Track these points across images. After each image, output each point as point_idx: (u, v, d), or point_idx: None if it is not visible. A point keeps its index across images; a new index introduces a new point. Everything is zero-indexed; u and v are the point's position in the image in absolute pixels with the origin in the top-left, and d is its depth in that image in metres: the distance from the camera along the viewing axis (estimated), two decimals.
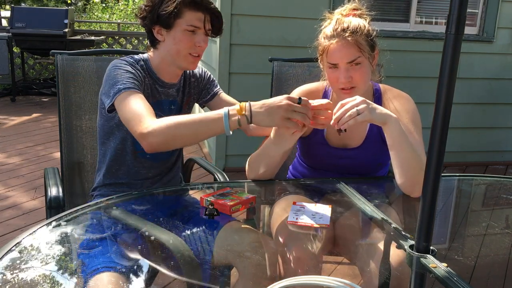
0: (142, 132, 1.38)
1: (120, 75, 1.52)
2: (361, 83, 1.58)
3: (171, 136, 1.38)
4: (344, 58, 1.54)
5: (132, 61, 1.61)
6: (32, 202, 3.35)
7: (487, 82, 4.47)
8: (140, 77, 1.57)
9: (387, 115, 1.44)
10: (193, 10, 1.53)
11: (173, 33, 1.55)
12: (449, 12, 1.00)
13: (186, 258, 1.25)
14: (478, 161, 4.65)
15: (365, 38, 1.55)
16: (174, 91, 1.71)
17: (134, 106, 1.44)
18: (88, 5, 13.81)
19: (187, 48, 1.57)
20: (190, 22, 1.54)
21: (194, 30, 1.55)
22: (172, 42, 1.57)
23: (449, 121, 1.04)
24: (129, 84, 1.50)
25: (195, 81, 1.79)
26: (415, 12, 4.23)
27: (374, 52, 1.61)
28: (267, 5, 3.83)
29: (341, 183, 1.64)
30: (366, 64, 1.57)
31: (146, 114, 1.42)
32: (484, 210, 1.72)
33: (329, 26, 1.58)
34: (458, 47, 1.01)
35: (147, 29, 1.60)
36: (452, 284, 1.03)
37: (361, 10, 1.62)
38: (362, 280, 1.29)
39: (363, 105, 1.40)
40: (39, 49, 6.69)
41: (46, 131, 5.17)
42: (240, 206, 1.40)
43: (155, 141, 1.37)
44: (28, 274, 1.04)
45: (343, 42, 1.53)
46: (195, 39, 1.56)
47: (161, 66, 1.64)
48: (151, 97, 1.63)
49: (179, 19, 1.53)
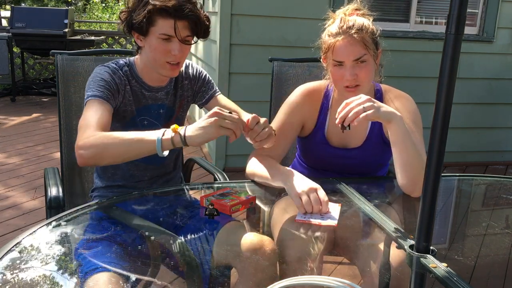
0: (77, 143, 1.36)
1: (94, 82, 1.51)
2: (365, 81, 1.58)
3: (100, 151, 1.35)
4: (351, 55, 1.54)
5: (114, 68, 1.58)
6: (32, 202, 3.35)
7: (487, 82, 4.47)
8: (117, 86, 1.54)
9: (393, 113, 1.45)
10: (165, 18, 1.46)
11: (149, 40, 1.51)
12: (449, 12, 1.00)
13: (186, 258, 1.25)
14: (478, 161, 4.65)
15: (370, 36, 1.55)
16: (163, 94, 1.67)
17: (87, 116, 1.43)
18: (88, 5, 13.81)
19: (163, 57, 1.51)
20: (162, 30, 1.47)
21: (168, 38, 1.49)
22: (149, 49, 1.52)
23: (449, 121, 1.04)
24: (97, 92, 1.48)
25: (188, 83, 1.74)
26: (415, 12, 4.23)
27: (378, 50, 1.61)
28: (267, 5, 3.83)
29: (341, 183, 1.64)
30: (371, 62, 1.58)
31: (93, 126, 1.38)
32: (484, 210, 1.72)
33: (334, 24, 1.58)
34: (458, 47, 1.01)
35: (129, 34, 1.57)
36: (452, 284, 1.03)
37: (363, 10, 1.62)
38: (362, 280, 1.29)
39: (369, 103, 1.40)
40: (39, 49, 6.69)
41: (46, 131, 5.17)
42: (240, 206, 1.40)
43: (85, 154, 1.35)
44: (28, 274, 1.04)
45: (349, 39, 1.53)
46: (170, 47, 1.50)
47: (145, 71, 1.61)
48: (135, 103, 1.61)
49: (153, 27, 1.48)
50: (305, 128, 1.74)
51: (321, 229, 1.33)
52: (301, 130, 1.74)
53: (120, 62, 1.62)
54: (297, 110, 1.70)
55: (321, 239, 1.35)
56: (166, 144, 1.31)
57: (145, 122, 1.64)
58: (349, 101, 1.42)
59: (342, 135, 1.71)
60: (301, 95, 1.71)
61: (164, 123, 1.67)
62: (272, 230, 1.42)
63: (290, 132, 1.70)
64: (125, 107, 1.60)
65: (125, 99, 1.59)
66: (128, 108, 1.60)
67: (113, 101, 1.51)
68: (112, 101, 1.51)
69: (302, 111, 1.70)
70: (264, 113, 2.24)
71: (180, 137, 1.30)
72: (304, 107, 1.70)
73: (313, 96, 1.72)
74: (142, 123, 1.64)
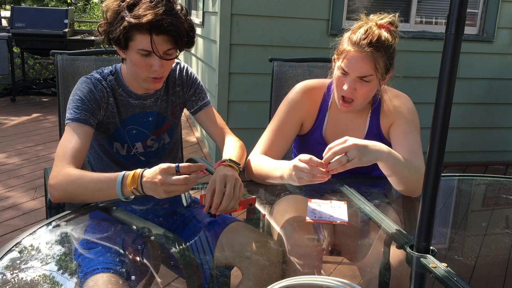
0: (50, 182, 1.36)
1: (72, 102, 1.48)
2: (362, 99, 1.57)
3: (69, 194, 1.35)
4: (357, 71, 1.52)
5: (97, 80, 1.54)
6: (32, 202, 3.35)
7: (487, 82, 4.47)
8: (96, 101, 1.51)
9: (379, 152, 1.37)
10: (142, 33, 1.38)
11: (129, 54, 1.45)
12: (449, 12, 1.00)
13: (186, 258, 1.25)
14: (478, 161, 4.65)
15: (385, 58, 1.52)
16: (152, 101, 1.63)
17: (64, 143, 1.42)
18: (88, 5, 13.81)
19: (144, 72, 1.47)
20: (141, 46, 1.41)
21: (147, 53, 1.42)
22: (130, 63, 1.48)
23: (449, 121, 1.04)
24: (75, 114, 1.46)
25: (180, 90, 1.70)
26: (415, 12, 4.23)
27: (387, 75, 1.58)
28: (267, 5, 3.83)
29: (341, 183, 1.64)
30: (375, 83, 1.55)
31: (67, 158, 1.37)
32: (484, 210, 1.72)
33: (359, 32, 1.53)
34: (458, 47, 1.01)
35: (109, 46, 1.51)
36: (452, 284, 1.03)
37: (397, 28, 1.57)
38: (362, 280, 1.29)
39: (353, 150, 1.31)
40: (39, 49, 6.70)
41: (46, 131, 5.17)
42: (237, 207, 1.40)
43: (57, 195, 1.36)
44: (28, 274, 1.04)
45: (362, 55, 1.50)
46: (150, 61, 1.44)
47: (130, 80, 1.57)
48: (120, 115, 1.59)
49: (132, 41, 1.41)
50: (304, 126, 1.73)
51: (322, 228, 1.33)
52: (300, 128, 1.74)
53: (104, 72, 1.58)
54: (296, 108, 1.69)
55: (321, 239, 1.35)
56: (126, 191, 1.29)
57: (134, 132, 1.63)
58: (332, 145, 1.33)
59: (340, 135, 1.70)
60: (300, 92, 1.70)
61: (154, 131, 1.67)
62: (272, 230, 1.42)
63: (289, 131, 1.69)
64: (108, 120, 1.58)
65: (108, 112, 1.57)
66: (111, 120, 1.59)
67: (93, 119, 1.49)
68: (92, 120, 1.48)
69: (301, 109, 1.69)
70: (264, 113, 2.24)
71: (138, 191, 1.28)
72: (303, 104, 1.69)
73: (313, 94, 1.71)
74: (130, 133, 1.63)
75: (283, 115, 1.69)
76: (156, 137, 1.69)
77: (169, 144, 1.75)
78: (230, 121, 3.92)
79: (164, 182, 1.22)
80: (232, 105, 3.95)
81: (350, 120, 1.70)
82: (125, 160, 1.67)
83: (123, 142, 1.64)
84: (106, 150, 1.65)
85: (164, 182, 1.22)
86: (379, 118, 1.68)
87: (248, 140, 1.91)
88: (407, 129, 1.60)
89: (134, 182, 1.27)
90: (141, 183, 1.26)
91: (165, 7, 1.39)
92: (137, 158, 1.68)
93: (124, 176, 1.28)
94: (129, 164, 1.67)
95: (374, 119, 1.68)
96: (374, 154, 1.35)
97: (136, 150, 1.66)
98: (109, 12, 1.43)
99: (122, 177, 1.28)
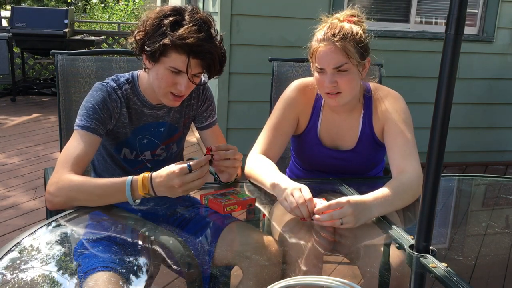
0: (48, 189, 1.36)
1: (85, 109, 1.48)
2: (347, 89, 1.57)
3: (71, 200, 1.35)
4: (331, 63, 1.53)
5: (112, 89, 1.53)
6: (32, 202, 3.35)
7: (487, 82, 4.47)
8: (109, 112, 1.50)
9: (370, 216, 1.35)
10: (180, 53, 1.39)
11: (157, 68, 1.45)
12: (449, 12, 1.00)
13: (186, 258, 1.25)
14: (478, 161, 4.65)
15: (355, 45, 1.53)
16: (165, 111, 1.63)
17: (69, 148, 1.42)
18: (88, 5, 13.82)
19: (167, 87, 1.47)
20: (173, 64, 1.41)
21: (177, 71, 1.43)
22: (155, 76, 1.47)
23: (449, 121, 1.04)
24: (85, 122, 1.45)
25: (195, 103, 1.70)
26: (415, 12, 4.23)
27: (365, 60, 1.59)
28: (267, 5, 3.83)
29: (341, 183, 1.64)
30: (354, 71, 1.56)
31: (69, 166, 1.38)
32: (484, 210, 1.72)
33: (322, 30, 1.57)
34: (458, 47, 1.01)
35: (138, 55, 1.51)
36: (452, 284, 1.03)
37: (359, 17, 1.60)
38: (362, 280, 1.29)
39: (350, 218, 1.29)
40: (39, 49, 6.69)
41: (46, 131, 5.17)
42: (235, 207, 1.40)
43: (56, 201, 1.36)
44: (28, 274, 1.04)
45: (331, 47, 1.52)
46: (178, 80, 1.45)
47: (148, 91, 1.56)
48: (131, 124, 1.58)
49: (165, 57, 1.42)
50: (299, 125, 1.74)
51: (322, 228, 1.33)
52: (296, 127, 1.74)
53: (121, 80, 1.56)
54: (292, 104, 1.70)
55: (321, 239, 1.35)
56: (137, 195, 1.33)
57: (145, 141, 1.63)
58: (333, 207, 1.30)
59: (334, 137, 1.71)
60: (295, 89, 1.72)
61: (164, 141, 1.67)
62: (272, 230, 1.42)
63: (287, 128, 1.70)
64: (119, 129, 1.57)
65: (119, 122, 1.56)
66: (122, 130, 1.58)
67: (102, 129, 1.49)
68: (101, 130, 1.48)
69: (297, 106, 1.71)
70: (264, 113, 2.24)
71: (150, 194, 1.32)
72: (299, 101, 1.70)
73: (307, 92, 1.72)
74: (141, 142, 1.63)
75: (280, 113, 1.70)
76: (166, 146, 1.68)
77: (176, 152, 1.75)
78: (230, 121, 3.92)
79: (183, 184, 1.28)
80: (232, 105, 3.95)
81: (344, 121, 1.71)
82: (129, 165, 1.66)
83: (133, 149, 1.64)
84: (112, 154, 1.65)
85: (183, 183, 1.28)
86: (371, 119, 1.68)
87: (248, 140, 1.91)
88: (397, 131, 1.59)
89: (145, 188, 1.31)
90: (152, 187, 1.30)
91: (206, 33, 1.41)
92: (144, 164, 1.68)
93: (133, 180, 1.32)
94: (132, 170, 1.65)
95: (367, 120, 1.68)
96: (368, 217, 1.35)
97: (144, 157, 1.66)
98: (150, 22, 1.42)
99: (131, 181, 1.31)
